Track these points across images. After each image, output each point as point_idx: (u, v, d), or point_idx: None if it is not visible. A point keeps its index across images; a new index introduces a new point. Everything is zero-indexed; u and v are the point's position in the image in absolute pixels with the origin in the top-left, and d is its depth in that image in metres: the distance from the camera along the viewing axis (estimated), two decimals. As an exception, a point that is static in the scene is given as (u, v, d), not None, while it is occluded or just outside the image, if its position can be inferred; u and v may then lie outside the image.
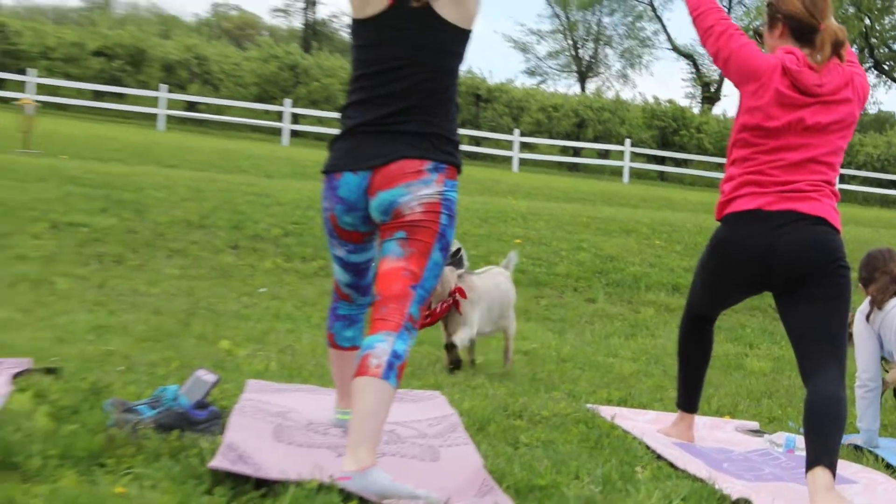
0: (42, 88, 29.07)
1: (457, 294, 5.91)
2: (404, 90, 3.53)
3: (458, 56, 3.65)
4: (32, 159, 14.06)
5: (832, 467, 3.77)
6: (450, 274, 5.88)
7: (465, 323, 6.06)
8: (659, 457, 4.28)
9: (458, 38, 3.60)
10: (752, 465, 4.45)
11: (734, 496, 3.65)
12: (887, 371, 6.10)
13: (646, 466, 4.05)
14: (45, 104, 25.74)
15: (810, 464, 3.79)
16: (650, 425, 4.90)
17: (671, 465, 4.17)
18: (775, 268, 4.08)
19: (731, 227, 4.20)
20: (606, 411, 5.09)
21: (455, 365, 6.07)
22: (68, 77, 31.93)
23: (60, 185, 11.56)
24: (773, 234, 4.02)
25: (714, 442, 4.84)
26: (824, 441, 3.81)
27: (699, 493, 3.66)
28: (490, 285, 6.46)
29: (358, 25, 3.64)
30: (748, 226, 4.10)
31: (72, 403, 3.90)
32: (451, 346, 5.99)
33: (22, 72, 29.76)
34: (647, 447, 4.42)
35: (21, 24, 35.41)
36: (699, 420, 4.96)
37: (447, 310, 5.88)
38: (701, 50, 49.60)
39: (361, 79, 3.63)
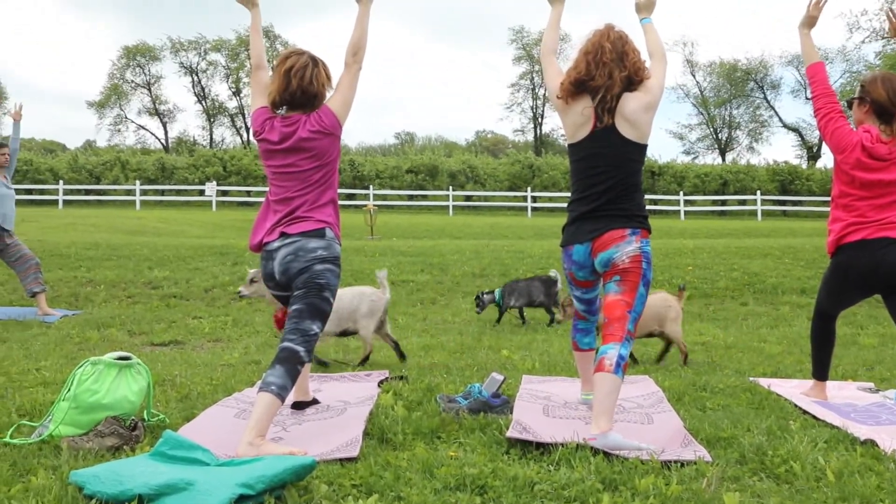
0: (377, 196, 30.61)
1: None
2: (605, 189, 3.49)
3: (639, 162, 3.55)
4: (376, 242, 14.78)
5: None
6: None
7: None
8: (804, 412, 4.01)
9: (637, 150, 3.52)
10: (872, 414, 4.10)
11: (861, 437, 3.36)
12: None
13: (796, 419, 3.79)
14: (380, 206, 27.00)
15: None
16: (795, 390, 4.59)
17: (814, 417, 3.89)
18: (880, 277, 3.89)
19: (846, 253, 3.99)
20: (763, 381, 4.81)
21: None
22: (392, 188, 33.46)
23: (394, 256, 12.07)
24: (877, 255, 3.87)
25: (842, 399, 4.48)
26: None
27: (836, 436, 3.41)
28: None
29: (572, 147, 3.63)
30: (858, 251, 3.93)
31: (416, 398, 4.02)
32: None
33: (365, 188, 31.57)
34: (796, 405, 4.14)
35: (363, 158, 37.41)
36: (830, 384, 4.61)
37: None
38: (803, 125, 47.22)
39: (577, 183, 3.61)
